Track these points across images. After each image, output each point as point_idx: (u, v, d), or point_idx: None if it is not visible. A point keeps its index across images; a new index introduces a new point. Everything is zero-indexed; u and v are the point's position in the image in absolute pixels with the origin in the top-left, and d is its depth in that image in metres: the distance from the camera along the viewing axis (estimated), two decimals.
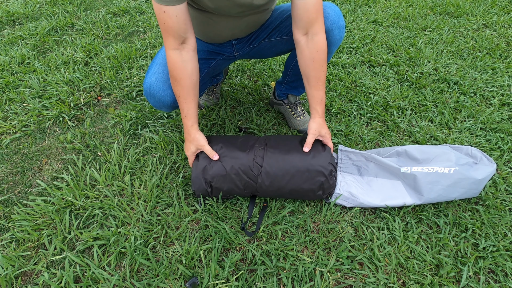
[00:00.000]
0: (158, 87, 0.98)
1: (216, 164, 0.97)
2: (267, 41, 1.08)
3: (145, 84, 1.00)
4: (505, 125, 1.34)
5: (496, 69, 1.67)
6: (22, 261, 0.90)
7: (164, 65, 0.99)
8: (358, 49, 1.84)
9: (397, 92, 1.52)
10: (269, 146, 1.01)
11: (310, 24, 0.87)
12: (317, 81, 0.94)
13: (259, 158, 0.97)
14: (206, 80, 1.13)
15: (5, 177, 1.14)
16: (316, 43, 0.89)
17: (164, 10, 0.80)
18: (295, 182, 0.96)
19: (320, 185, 0.96)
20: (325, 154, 0.98)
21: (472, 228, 0.98)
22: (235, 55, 1.14)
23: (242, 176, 0.96)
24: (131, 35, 1.96)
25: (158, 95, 0.99)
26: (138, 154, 1.21)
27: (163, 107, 1.03)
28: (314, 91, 0.96)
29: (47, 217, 1.01)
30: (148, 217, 1.00)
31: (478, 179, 0.99)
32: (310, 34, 0.89)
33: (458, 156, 1.04)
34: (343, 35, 0.98)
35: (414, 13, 2.21)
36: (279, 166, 0.96)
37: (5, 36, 1.91)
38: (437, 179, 0.98)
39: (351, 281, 0.87)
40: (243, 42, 1.10)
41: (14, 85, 1.54)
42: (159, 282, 0.86)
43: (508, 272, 0.89)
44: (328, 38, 0.96)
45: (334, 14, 0.94)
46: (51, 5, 2.25)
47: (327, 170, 0.96)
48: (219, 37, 1.05)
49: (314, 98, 0.98)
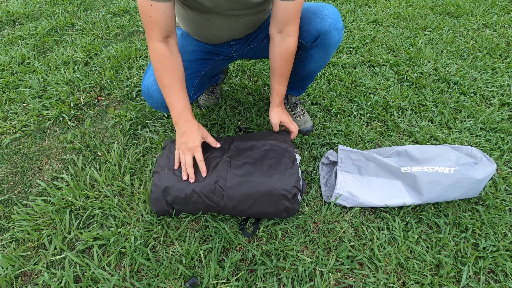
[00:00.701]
0: (155, 88, 0.98)
1: (177, 185, 0.92)
2: (265, 42, 1.09)
3: (143, 85, 1.00)
4: (505, 125, 1.34)
5: (496, 69, 1.67)
6: (22, 261, 0.90)
7: None
8: (358, 49, 1.84)
9: (397, 92, 1.52)
10: (232, 166, 0.96)
11: (285, 25, 0.90)
12: (281, 77, 1.01)
13: (221, 180, 0.93)
14: (204, 80, 1.13)
15: (5, 177, 1.14)
16: (287, 44, 0.93)
17: (151, 3, 0.79)
18: (258, 206, 0.93)
19: (285, 208, 0.93)
20: (290, 175, 0.93)
21: (472, 228, 0.98)
22: (234, 55, 1.14)
23: (204, 200, 0.93)
24: (131, 35, 1.96)
25: (156, 96, 0.99)
26: (138, 154, 1.21)
27: (162, 108, 1.03)
28: (277, 84, 1.04)
29: (47, 217, 1.01)
30: (148, 217, 1.00)
31: (478, 179, 0.99)
32: (283, 34, 0.92)
33: (458, 156, 1.04)
34: (342, 37, 0.99)
35: (414, 13, 2.21)
36: (241, 190, 0.91)
37: (5, 36, 1.91)
38: (437, 179, 0.98)
39: (351, 281, 0.87)
40: (241, 43, 1.10)
41: (14, 85, 1.54)
42: (159, 282, 0.86)
43: (508, 272, 0.89)
44: (326, 40, 0.96)
45: (332, 16, 0.94)
46: (51, 5, 2.25)
47: (290, 194, 0.91)
48: (216, 38, 1.04)
49: (275, 91, 1.05)
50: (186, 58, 1.04)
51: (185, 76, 0.99)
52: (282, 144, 1.03)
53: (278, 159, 0.98)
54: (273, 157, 0.98)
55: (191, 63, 1.05)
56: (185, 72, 1.02)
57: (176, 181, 0.93)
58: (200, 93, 1.12)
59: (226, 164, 0.97)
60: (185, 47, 1.05)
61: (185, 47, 1.05)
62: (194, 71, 1.06)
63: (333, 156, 1.13)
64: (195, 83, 1.07)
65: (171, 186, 0.92)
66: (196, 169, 0.95)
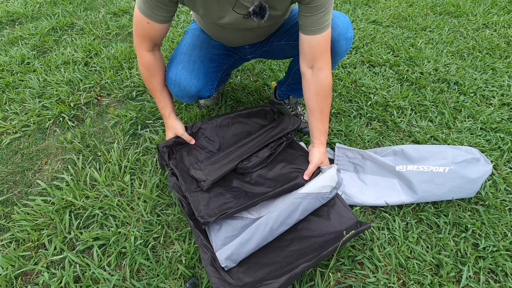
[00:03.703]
0: (184, 76, 0.98)
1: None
2: (276, 44, 1.09)
3: (171, 72, 0.99)
4: (505, 125, 1.34)
5: (496, 69, 1.67)
6: (22, 261, 0.90)
7: (189, 55, 1.00)
8: (358, 49, 1.84)
9: (397, 92, 1.52)
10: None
11: (314, 60, 0.88)
12: (321, 113, 0.95)
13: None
14: (224, 76, 1.14)
15: (5, 177, 1.14)
16: (320, 79, 0.90)
17: (148, 21, 0.84)
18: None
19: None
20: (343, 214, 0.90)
21: (472, 228, 0.98)
22: (248, 57, 1.17)
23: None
24: (131, 35, 1.96)
25: (184, 84, 0.98)
26: (138, 154, 1.21)
27: (186, 97, 1.03)
28: (318, 123, 0.97)
29: (47, 217, 1.01)
30: (148, 217, 1.00)
31: (472, 178, 0.99)
32: (315, 69, 0.89)
33: (455, 154, 1.04)
34: (350, 46, 0.97)
35: (414, 13, 2.21)
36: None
37: (5, 36, 1.91)
38: (432, 178, 0.99)
39: (351, 281, 0.87)
40: (255, 46, 1.12)
41: (14, 85, 1.54)
42: (159, 282, 0.86)
43: (508, 272, 0.89)
44: (334, 49, 0.94)
45: (342, 25, 0.92)
46: (51, 5, 2.25)
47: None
48: (231, 43, 1.07)
49: (318, 129, 0.98)
50: (212, 51, 1.05)
51: (210, 68, 1.03)
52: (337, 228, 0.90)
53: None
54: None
55: (217, 56, 1.06)
56: (211, 64, 1.04)
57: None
58: (217, 88, 1.12)
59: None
60: (210, 40, 1.07)
61: (210, 40, 1.07)
62: (218, 64, 1.07)
63: (329, 154, 1.13)
64: (218, 77, 1.09)
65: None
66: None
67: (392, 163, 1.04)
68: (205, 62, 1.02)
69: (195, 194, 0.94)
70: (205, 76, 1.01)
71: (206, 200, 0.92)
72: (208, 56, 1.03)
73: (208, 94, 1.06)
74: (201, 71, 1.00)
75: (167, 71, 1.02)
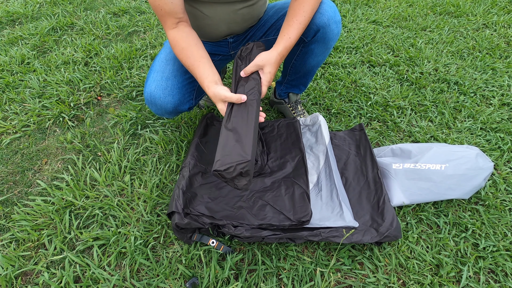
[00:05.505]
0: (158, 95, 0.97)
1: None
2: (264, 39, 1.08)
3: (146, 93, 0.99)
4: (505, 125, 1.34)
5: (496, 69, 1.67)
6: (22, 261, 0.90)
7: (161, 72, 0.99)
8: (358, 49, 1.84)
9: (397, 92, 1.52)
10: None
11: None
12: (293, 17, 0.87)
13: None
14: None
15: (5, 177, 1.14)
16: None
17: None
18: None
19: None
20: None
21: (472, 228, 0.98)
22: (231, 53, 1.13)
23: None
24: (131, 35, 1.96)
25: (159, 103, 0.98)
26: (138, 154, 1.21)
27: (165, 114, 1.03)
28: (286, 25, 0.88)
29: (47, 217, 1.01)
30: (148, 217, 1.00)
31: (470, 175, 0.99)
32: None
33: (453, 150, 1.03)
34: (340, 30, 0.98)
35: (414, 13, 2.21)
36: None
37: (5, 36, 1.91)
38: (429, 175, 0.98)
39: (351, 281, 0.87)
40: (239, 40, 1.09)
41: (14, 85, 1.54)
42: (159, 282, 0.86)
43: (508, 272, 0.89)
44: (326, 34, 0.95)
45: (330, 9, 0.94)
46: (51, 5, 2.25)
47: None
48: (215, 32, 1.03)
49: (282, 32, 0.89)
50: None
51: (185, 81, 1.00)
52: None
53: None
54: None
55: None
56: (185, 76, 1.02)
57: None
58: (202, 95, 1.12)
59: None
60: None
61: None
62: (191, 75, 1.03)
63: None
64: (196, 86, 1.06)
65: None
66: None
67: (388, 162, 1.04)
68: (178, 76, 1.00)
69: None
70: (180, 91, 1.00)
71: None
72: (182, 69, 1.01)
73: (187, 107, 1.04)
74: (174, 87, 0.99)
75: (144, 89, 1.01)
